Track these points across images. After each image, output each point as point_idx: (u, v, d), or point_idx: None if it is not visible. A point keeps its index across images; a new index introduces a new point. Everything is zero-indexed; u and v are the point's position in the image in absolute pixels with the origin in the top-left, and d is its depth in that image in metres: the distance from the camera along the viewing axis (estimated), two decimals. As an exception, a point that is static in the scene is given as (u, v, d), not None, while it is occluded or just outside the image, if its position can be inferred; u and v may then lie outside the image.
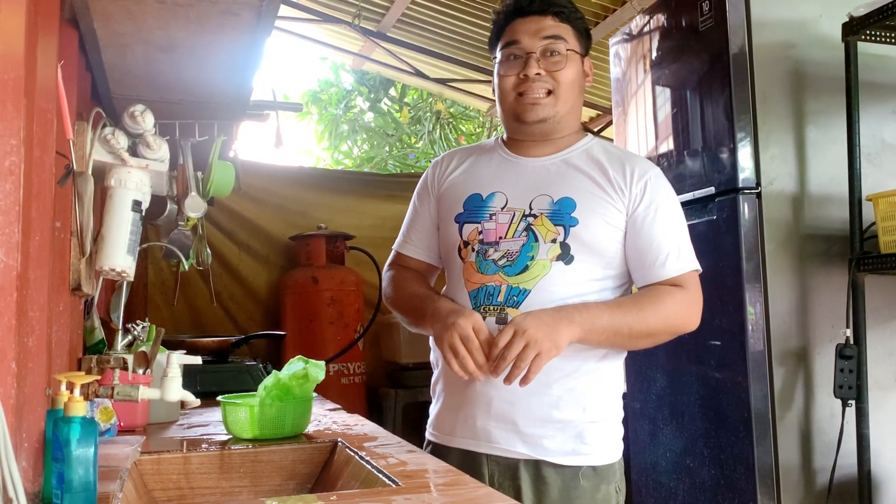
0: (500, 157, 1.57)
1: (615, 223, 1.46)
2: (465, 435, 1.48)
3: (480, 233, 1.48)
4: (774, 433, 2.17)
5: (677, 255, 1.45)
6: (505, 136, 1.61)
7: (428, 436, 1.59)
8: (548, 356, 1.31)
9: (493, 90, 1.58)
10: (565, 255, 1.43)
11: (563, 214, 1.44)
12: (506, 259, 1.45)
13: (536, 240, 1.44)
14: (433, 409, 1.59)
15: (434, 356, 1.58)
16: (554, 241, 1.43)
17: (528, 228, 1.45)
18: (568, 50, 1.48)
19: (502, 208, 1.49)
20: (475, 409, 1.46)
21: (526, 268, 1.43)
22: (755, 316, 2.19)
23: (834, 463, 2.11)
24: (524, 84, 1.47)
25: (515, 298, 1.43)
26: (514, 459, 1.45)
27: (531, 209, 1.47)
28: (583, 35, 1.53)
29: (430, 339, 1.59)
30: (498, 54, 1.53)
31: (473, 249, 1.48)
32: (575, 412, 1.43)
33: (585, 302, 1.41)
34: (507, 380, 1.33)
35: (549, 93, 1.48)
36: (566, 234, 1.43)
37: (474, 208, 1.51)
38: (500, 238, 1.46)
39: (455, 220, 1.53)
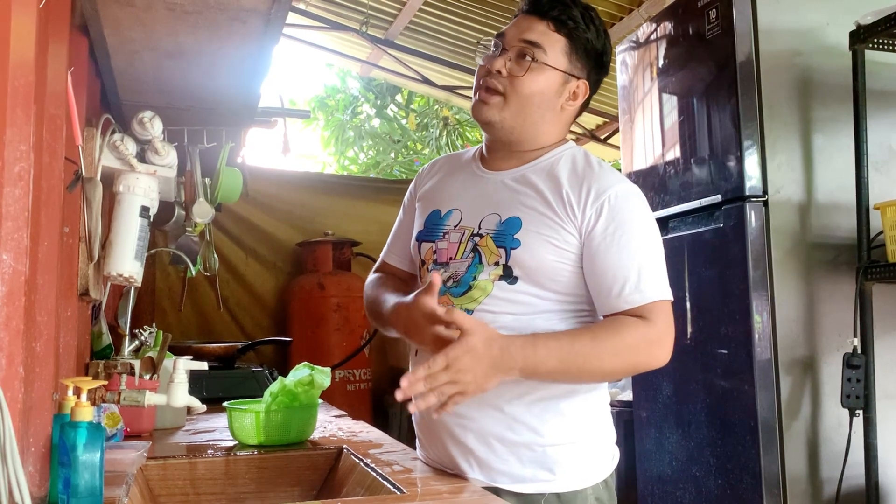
0: (470, 170, 1.49)
1: (564, 246, 1.32)
2: (436, 458, 1.42)
3: (434, 252, 1.42)
4: (781, 442, 2.16)
5: (637, 284, 1.28)
6: (485, 147, 1.51)
7: (417, 453, 1.53)
8: (469, 396, 1.21)
9: None
10: (507, 276, 1.34)
11: (506, 236, 1.34)
12: (452, 280, 1.38)
13: (481, 261, 1.36)
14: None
15: None
16: (497, 263, 1.34)
17: (475, 249, 1.37)
18: (544, 64, 1.35)
19: (455, 226, 1.42)
20: (439, 432, 1.38)
21: (469, 288, 1.35)
22: (762, 324, 2.18)
23: (841, 473, 2.09)
24: (484, 79, 1.39)
25: None
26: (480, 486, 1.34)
27: (479, 228, 1.38)
28: (582, 55, 1.39)
29: None
30: None
31: (429, 270, 1.42)
32: (532, 434, 1.31)
33: (536, 334, 1.27)
34: (418, 405, 1.20)
35: (502, 96, 1.37)
36: (507, 256, 1.33)
37: (432, 226, 1.45)
38: (451, 259, 1.39)
39: (416, 237, 1.47)
